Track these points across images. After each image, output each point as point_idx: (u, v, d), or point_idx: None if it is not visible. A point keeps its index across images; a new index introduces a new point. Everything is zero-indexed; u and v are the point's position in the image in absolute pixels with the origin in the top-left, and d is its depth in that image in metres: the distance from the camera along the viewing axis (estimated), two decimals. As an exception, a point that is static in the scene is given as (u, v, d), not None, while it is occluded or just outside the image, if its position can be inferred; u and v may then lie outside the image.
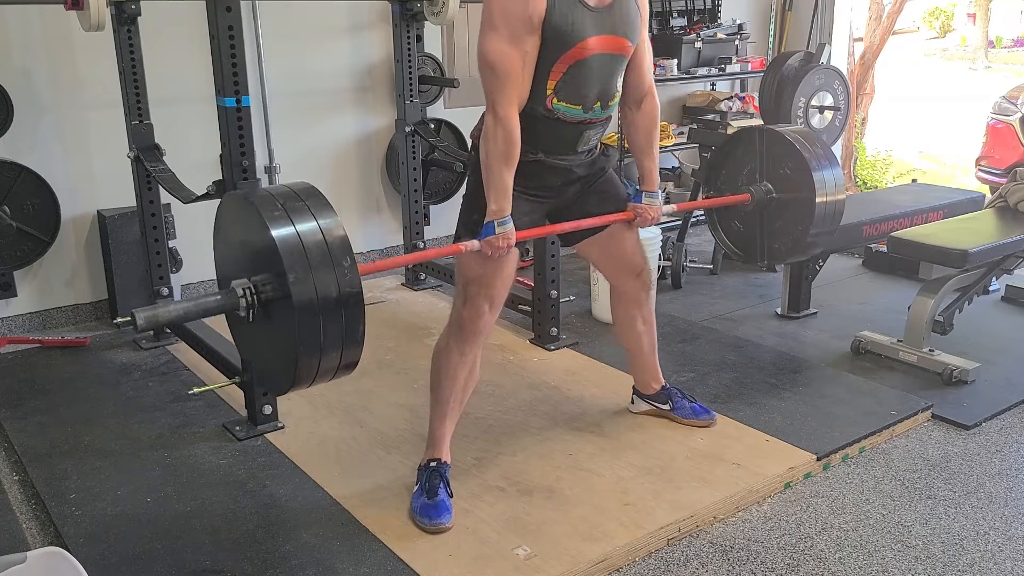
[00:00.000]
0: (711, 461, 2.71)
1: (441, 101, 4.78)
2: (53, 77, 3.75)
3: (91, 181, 3.91)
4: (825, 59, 4.89)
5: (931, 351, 3.38)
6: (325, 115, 4.51)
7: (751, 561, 2.30)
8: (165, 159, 3.47)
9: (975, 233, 3.46)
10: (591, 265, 3.45)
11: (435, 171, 4.74)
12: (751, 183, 3.03)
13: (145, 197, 3.58)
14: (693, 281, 4.55)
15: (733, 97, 5.58)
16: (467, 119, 4.82)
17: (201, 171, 3.54)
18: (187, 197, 3.06)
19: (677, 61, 5.18)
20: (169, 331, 3.63)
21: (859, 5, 7.02)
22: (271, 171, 4.37)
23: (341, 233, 1.96)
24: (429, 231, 4.53)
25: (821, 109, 4.90)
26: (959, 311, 3.54)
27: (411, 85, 4.12)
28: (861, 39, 7.50)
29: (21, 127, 3.67)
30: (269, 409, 2.93)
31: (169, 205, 3.80)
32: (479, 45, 2.28)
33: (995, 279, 3.83)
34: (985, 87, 12.74)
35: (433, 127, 4.55)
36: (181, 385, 3.26)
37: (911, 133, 10.30)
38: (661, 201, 2.67)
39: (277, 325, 1.98)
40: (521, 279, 3.78)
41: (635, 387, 3.02)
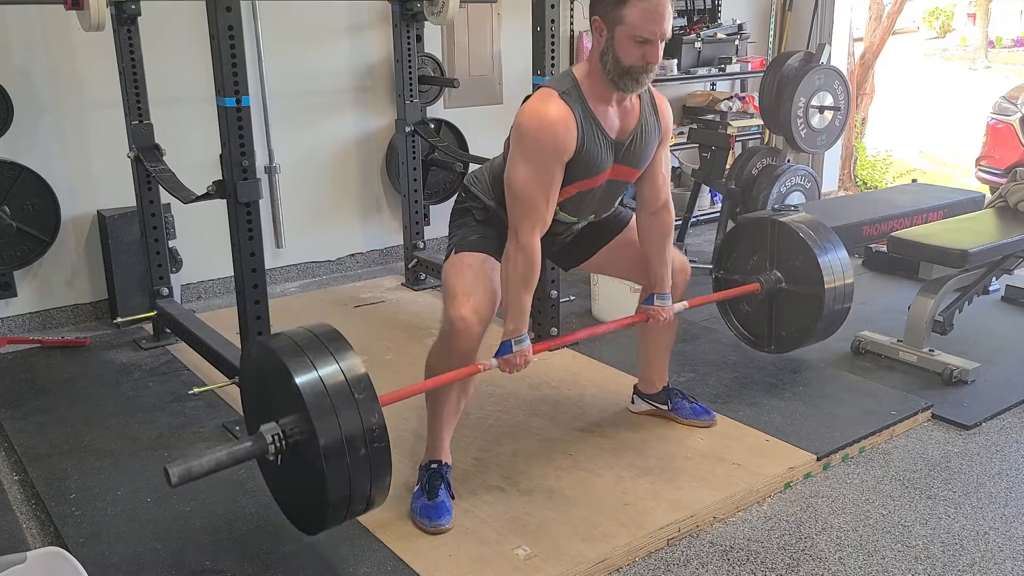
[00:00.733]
0: (711, 461, 2.71)
1: (441, 101, 4.78)
2: (53, 77, 3.76)
3: (91, 181, 3.91)
4: (825, 59, 4.90)
5: (931, 351, 3.38)
6: (325, 115, 4.51)
7: (751, 561, 2.30)
8: (165, 159, 3.47)
9: (975, 233, 3.46)
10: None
11: (435, 171, 4.74)
12: (761, 269, 3.06)
13: (145, 197, 3.59)
14: (693, 281, 4.39)
15: (733, 97, 5.58)
16: (467, 119, 4.84)
17: (201, 171, 3.54)
18: (187, 197, 3.06)
19: (677, 61, 5.18)
20: (169, 331, 3.63)
21: (859, 5, 7.02)
22: (271, 171, 4.38)
23: (362, 372, 2.04)
24: (429, 231, 4.53)
25: (821, 109, 4.91)
26: (959, 311, 3.54)
27: (411, 85, 4.13)
28: (861, 39, 7.50)
29: (21, 127, 3.67)
30: (269, 409, 2.92)
31: (169, 205, 3.81)
32: (507, 171, 2.32)
33: (995, 279, 3.83)
34: (985, 87, 12.75)
35: (433, 127, 4.55)
36: (181, 385, 3.26)
37: (911, 133, 10.30)
38: (671, 303, 2.72)
39: (306, 467, 2.01)
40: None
41: (636, 386, 3.02)
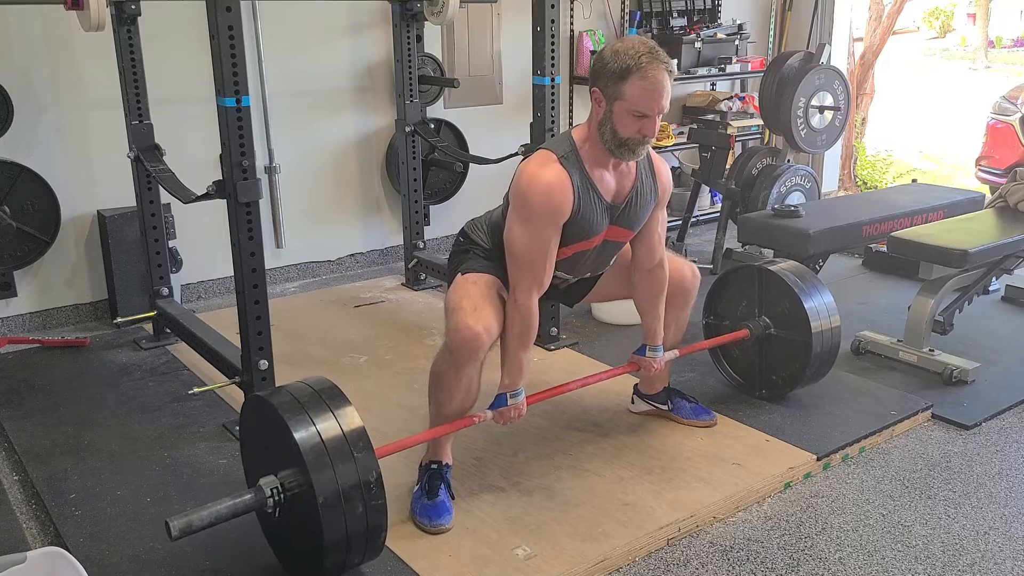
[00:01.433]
0: (711, 461, 2.71)
1: (441, 101, 4.78)
2: (53, 77, 3.75)
3: (91, 181, 3.91)
4: (825, 59, 4.90)
5: (931, 351, 3.38)
6: (325, 115, 4.51)
7: (751, 561, 2.30)
8: (165, 159, 3.47)
9: (975, 233, 3.46)
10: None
11: (435, 171, 4.74)
12: (750, 316, 3.08)
13: (145, 197, 3.59)
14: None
15: (733, 97, 5.59)
16: (467, 119, 4.84)
17: (201, 171, 3.55)
18: (187, 197, 3.06)
19: (677, 61, 5.18)
20: (169, 331, 3.63)
21: (859, 5, 7.01)
22: (271, 171, 4.38)
23: (360, 428, 2.06)
24: (429, 231, 4.53)
25: (821, 109, 4.91)
26: (959, 311, 3.54)
27: (411, 85, 4.13)
28: (861, 39, 7.49)
29: (21, 127, 3.67)
30: (269, 409, 2.92)
31: (169, 205, 3.80)
32: (506, 233, 2.36)
33: (995, 279, 3.83)
34: (985, 87, 12.75)
35: (433, 127, 4.55)
36: (181, 385, 3.26)
37: (911, 133, 10.30)
38: (662, 354, 2.74)
39: (303, 521, 2.04)
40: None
41: (636, 387, 3.02)
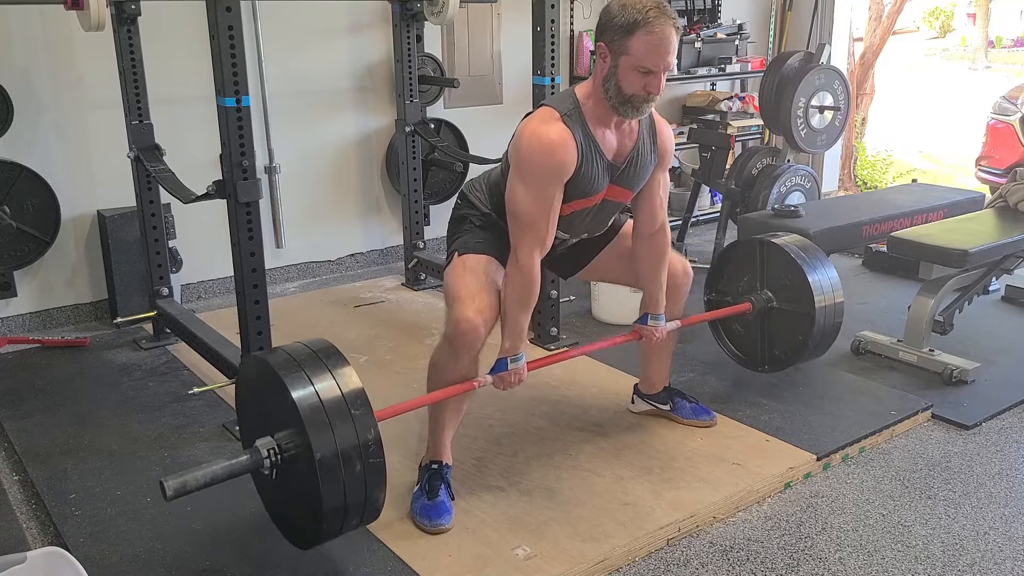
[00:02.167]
0: (711, 461, 2.71)
1: (441, 101, 4.78)
2: (53, 77, 3.76)
3: (91, 181, 3.91)
4: (825, 59, 4.90)
5: (931, 351, 3.38)
6: (325, 115, 4.51)
7: (751, 561, 2.30)
8: (165, 159, 3.47)
9: (975, 233, 3.46)
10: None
11: (435, 171, 4.74)
12: (751, 290, 3.07)
13: (145, 197, 3.59)
14: (693, 281, 4.52)
15: (733, 97, 5.59)
16: (467, 119, 4.84)
17: (201, 171, 3.55)
18: (187, 197, 3.06)
19: (677, 61, 5.18)
20: (169, 331, 3.63)
21: (859, 5, 7.02)
22: (271, 171, 4.38)
23: (358, 387, 2.04)
24: (429, 231, 4.53)
25: (821, 109, 4.91)
26: (959, 311, 3.54)
27: (411, 85, 4.13)
28: (861, 39, 7.50)
29: (21, 127, 3.67)
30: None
31: (169, 205, 3.81)
32: (508, 192, 2.34)
33: (995, 279, 3.83)
34: (985, 87, 12.75)
35: (433, 127, 4.55)
36: (181, 385, 3.26)
37: (911, 133, 10.30)
38: (664, 323, 2.74)
39: (301, 481, 2.02)
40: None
41: (636, 386, 3.02)
